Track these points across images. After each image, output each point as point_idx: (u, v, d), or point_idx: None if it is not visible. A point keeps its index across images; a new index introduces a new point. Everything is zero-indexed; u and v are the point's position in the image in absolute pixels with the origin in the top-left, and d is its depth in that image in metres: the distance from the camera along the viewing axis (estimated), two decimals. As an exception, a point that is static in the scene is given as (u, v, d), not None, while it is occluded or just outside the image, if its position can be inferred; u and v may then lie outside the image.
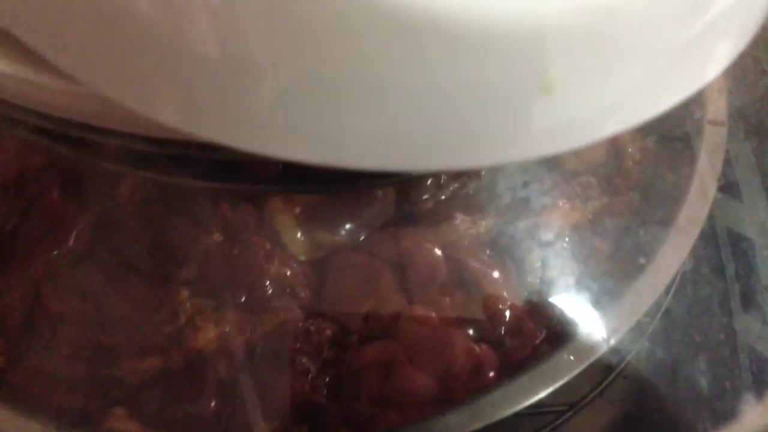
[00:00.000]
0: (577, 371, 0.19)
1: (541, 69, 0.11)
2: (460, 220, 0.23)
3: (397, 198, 0.24)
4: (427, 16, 0.10)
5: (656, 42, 0.12)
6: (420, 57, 0.11)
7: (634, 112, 0.13)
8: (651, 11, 0.11)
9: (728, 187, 0.26)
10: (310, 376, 0.20)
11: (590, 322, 0.21)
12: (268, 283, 0.22)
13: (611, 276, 0.22)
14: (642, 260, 0.22)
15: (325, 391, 0.20)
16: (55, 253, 0.23)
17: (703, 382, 0.22)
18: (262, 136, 0.12)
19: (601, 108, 0.12)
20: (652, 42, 0.12)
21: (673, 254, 0.22)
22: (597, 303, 0.21)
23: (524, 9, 0.10)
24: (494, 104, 0.12)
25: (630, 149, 0.27)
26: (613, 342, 0.20)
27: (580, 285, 0.22)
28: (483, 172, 0.24)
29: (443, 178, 0.24)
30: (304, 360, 0.20)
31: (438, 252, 0.22)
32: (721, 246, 0.26)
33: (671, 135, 0.27)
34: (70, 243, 0.23)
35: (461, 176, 0.24)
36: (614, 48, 0.11)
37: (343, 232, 0.23)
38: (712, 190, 0.23)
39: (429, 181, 0.24)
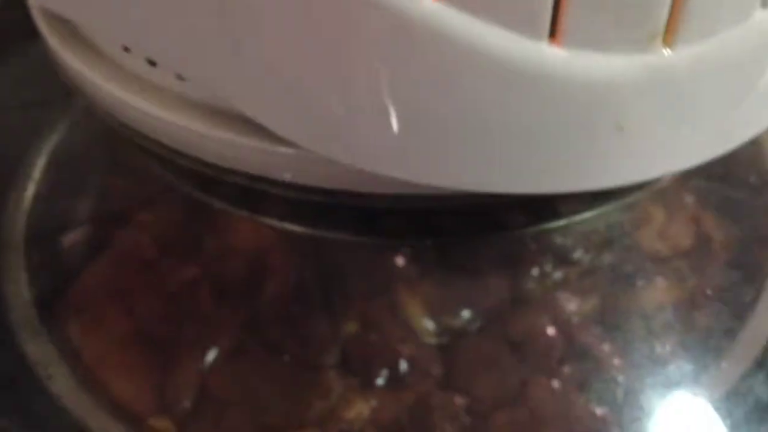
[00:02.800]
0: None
1: (615, 113, 0.15)
2: (568, 301, 0.26)
3: (510, 285, 0.27)
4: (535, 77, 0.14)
5: (713, 95, 0.15)
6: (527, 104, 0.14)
7: (701, 150, 0.16)
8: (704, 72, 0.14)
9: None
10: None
11: (697, 388, 0.23)
12: (404, 363, 0.25)
13: (712, 348, 0.25)
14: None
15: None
16: (215, 350, 0.27)
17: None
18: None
19: (666, 145, 0.16)
20: (709, 95, 0.15)
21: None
22: (699, 371, 0.24)
23: (600, 68, 0.14)
24: (579, 139, 0.15)
25: (715, 236, 0.30)
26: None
27: (685, 354, 0.25)
28: (585, 259, 0.28)
29: (549, 266, 0.27)
30: (444, 426, 0.23)
31: (552, 330, 0.25)
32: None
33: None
34: (227, 340, 0.28)
35: (565, 263, 0.27)
36: (674, 95, 0.15)
37: (464, 317, 0.26)
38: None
39: (536, 269, 0.27)
